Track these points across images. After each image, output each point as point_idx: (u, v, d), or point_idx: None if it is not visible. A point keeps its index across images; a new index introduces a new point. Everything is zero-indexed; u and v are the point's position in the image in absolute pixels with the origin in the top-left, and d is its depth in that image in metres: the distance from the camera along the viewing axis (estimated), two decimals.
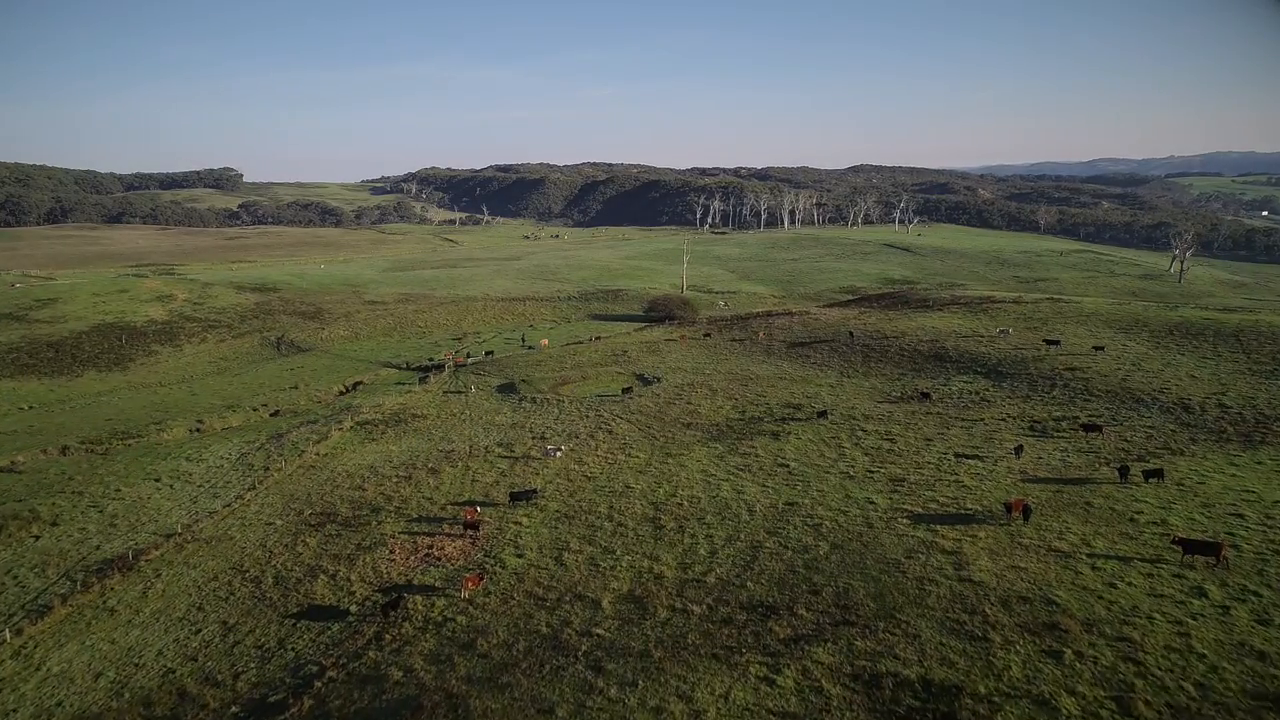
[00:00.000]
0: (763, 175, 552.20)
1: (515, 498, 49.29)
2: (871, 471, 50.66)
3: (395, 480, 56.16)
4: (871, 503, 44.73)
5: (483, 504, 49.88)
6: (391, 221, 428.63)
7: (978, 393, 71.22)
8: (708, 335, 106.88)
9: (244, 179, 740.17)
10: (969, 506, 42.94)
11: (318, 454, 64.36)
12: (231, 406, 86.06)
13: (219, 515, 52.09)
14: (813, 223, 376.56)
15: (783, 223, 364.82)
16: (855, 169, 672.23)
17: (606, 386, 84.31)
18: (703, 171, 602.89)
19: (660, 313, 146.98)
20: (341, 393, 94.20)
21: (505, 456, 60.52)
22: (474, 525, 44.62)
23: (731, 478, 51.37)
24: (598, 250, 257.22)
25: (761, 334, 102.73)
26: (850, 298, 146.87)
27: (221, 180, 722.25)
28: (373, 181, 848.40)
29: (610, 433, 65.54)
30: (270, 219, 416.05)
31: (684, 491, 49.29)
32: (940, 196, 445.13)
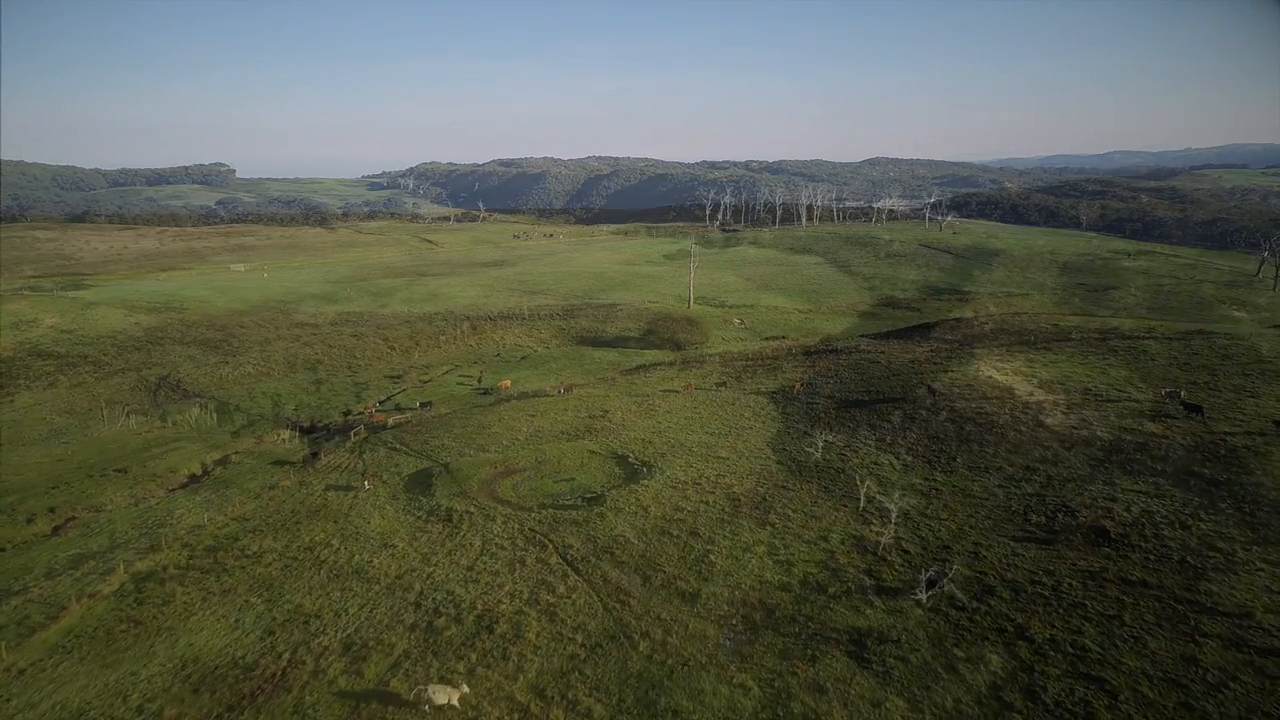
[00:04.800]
0: (775, 169, 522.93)
1: None
2: None
3: None
4: None
5: None
6: (381, 219, 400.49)
7: (1182, 522, 41.54)
8: (722, 385, 77.17)
9: (236, 175, 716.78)
10: None
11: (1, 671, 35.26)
12: None
13: None
14: (832, 219, 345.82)
15: (800, 219, 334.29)
16: (871, 161, 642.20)
17: (571, 478, 55.44)
18: (712, 165, 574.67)
19: (662, 335, 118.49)
20: (191, 478, 65.15)
21: (346, 694, 31.43)
22: None
23: None
24: (594, 252, 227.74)
25: (799, 385, 73.02)
26: (915, 322, 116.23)
27: (210, 176, 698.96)
28: (373, 177, 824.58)
29: (553, 616, 36.46)
30: (251, 217, 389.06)
31: None
32: (968, 190, 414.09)
